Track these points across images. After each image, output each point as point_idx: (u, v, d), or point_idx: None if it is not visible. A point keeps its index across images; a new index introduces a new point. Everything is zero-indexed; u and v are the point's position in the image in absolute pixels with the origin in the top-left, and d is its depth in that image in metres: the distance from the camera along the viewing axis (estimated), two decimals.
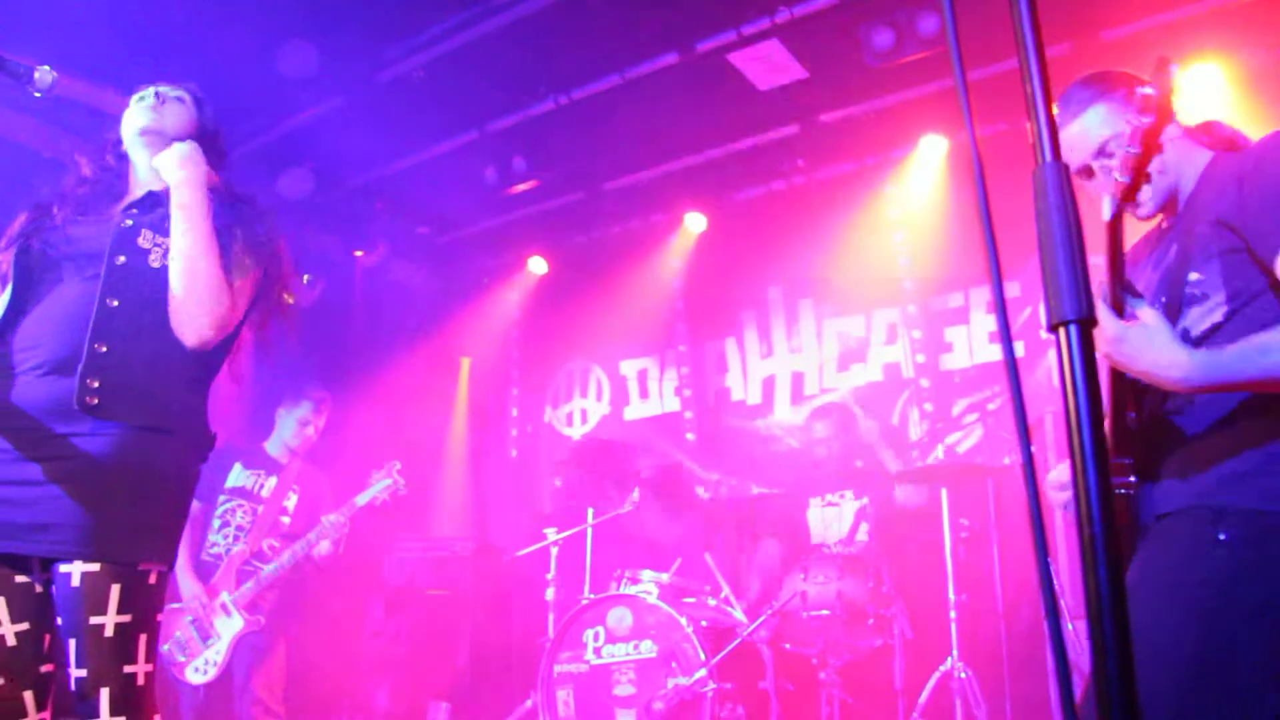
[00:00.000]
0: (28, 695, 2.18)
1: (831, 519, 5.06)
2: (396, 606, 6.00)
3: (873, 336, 6.18)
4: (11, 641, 2.18)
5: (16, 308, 2.28)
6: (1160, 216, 2.18)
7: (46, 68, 2.38)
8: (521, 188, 6.34)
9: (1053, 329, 0.99)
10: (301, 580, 4.85)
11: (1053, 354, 5.28)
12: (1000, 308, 1.05)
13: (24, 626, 2.18)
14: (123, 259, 2.30)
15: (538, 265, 7.34)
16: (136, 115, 2.47)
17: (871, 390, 6.10)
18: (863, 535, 4.91)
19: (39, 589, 2.18)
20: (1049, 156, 1.02)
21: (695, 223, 6.63)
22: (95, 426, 2.16)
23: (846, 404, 5.75)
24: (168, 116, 2.47)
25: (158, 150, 2.44)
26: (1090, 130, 2.13)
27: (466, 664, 5.60)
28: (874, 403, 6.01)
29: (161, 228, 2.35)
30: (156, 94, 2.49)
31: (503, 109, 5.73)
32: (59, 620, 2.13)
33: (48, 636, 2.20)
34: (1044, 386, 5.32)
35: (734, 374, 6.72)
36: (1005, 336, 1.05)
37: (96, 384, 2.17)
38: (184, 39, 4.16)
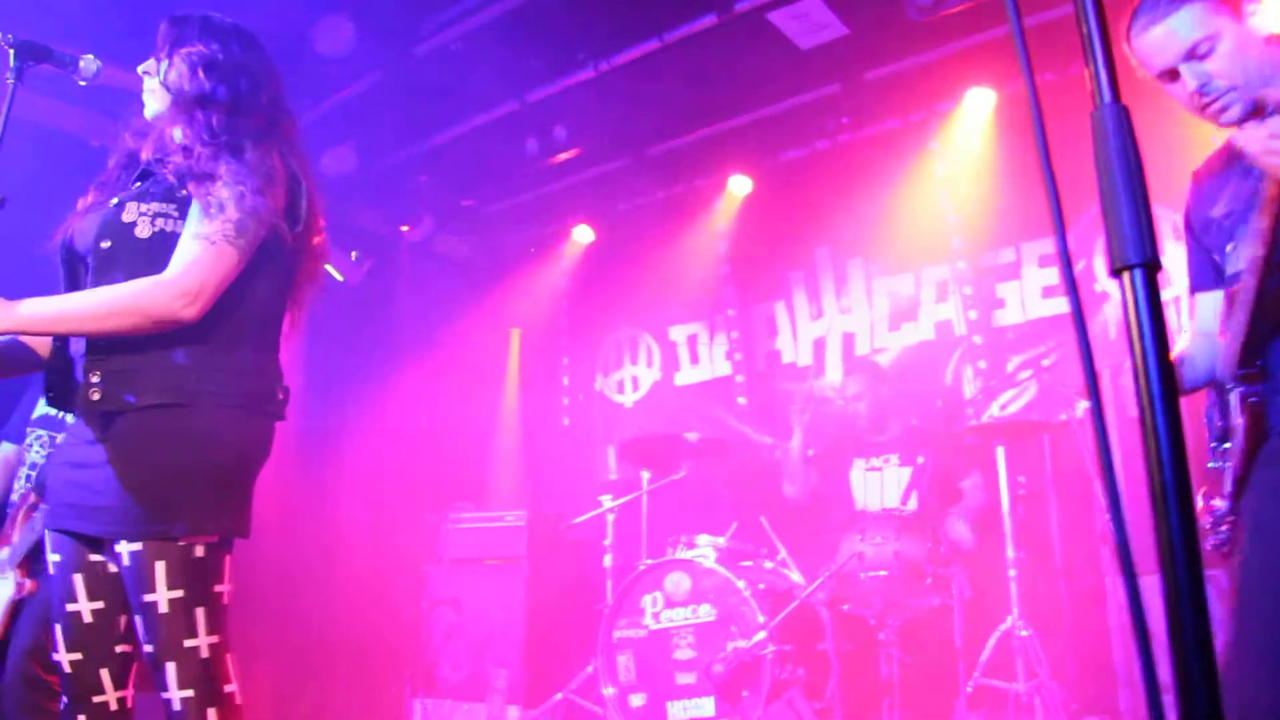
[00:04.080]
0: (104, 673, 2.23)
1: (873, 484, 5.03)
2: (454, 577, 6.05)
3: (923, 294, 6.11)
4: (88, 619, 2.23)
5: None
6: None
7: (90, 56, 2.39)
8: (564, 157, 6.32)
9: (1115, 274, 0.97)
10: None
11: (1109, 308, 5.23)
12: (1063, 256, 1.02)
13: (99, 605, 2.23)
14: (108, 244, 2.24)
15: (583, 234, 7.33)
16: (144, 99, 2.43)
17: (923, 349, 6.03)
18: (913, 502, 4.87)
19: (112, 568, 2.22)
20: (1109, 98, 0.99)
21: (740, 185, 6.58)
22: (108, 415, 2.17)
23: (876, 361, 5.70)
24: (158, 91, 2.38)
25: (166, 126, 2.37)
26: (1180, 31, 2.06)
27: (525, 632, 5.64)
28: (926, 361, 5.95)
29: (146, 196, 2.28)
30: (145, 73, 2.42)
31: (542, 78, 5.70)
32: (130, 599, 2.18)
33: (124, 617, 2.23)
34: (1100, 341, 5.23)
35: (784, 336, 6.68)
36: (1070, 284, 1.02)
37: (97, 377, 2.17)
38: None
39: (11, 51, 2.28)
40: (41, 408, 3.92)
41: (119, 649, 2.24)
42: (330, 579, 6.50)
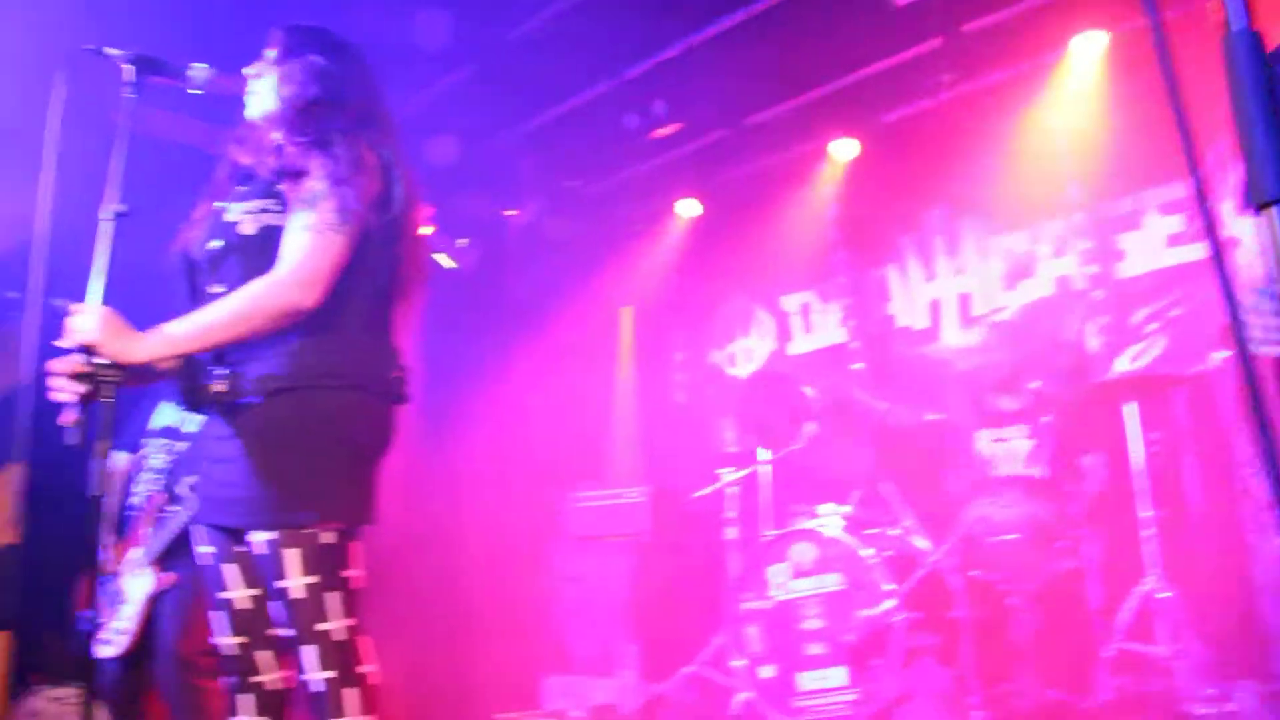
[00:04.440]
0: (264, 654, 2.33)
1: (1000, 450, 4.91)
2: (579, 554, 6.12)
3: (1040, 250, 5.93)
4: (245, 605, 2.34)
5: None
6: None
7: (201, 64, 2.45)
8: (664, 131, 6.30)
9: (1256, 209, 0.91)
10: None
11: (1241, 254, 5.00)
12: (1200, 197, 0.97)
13: (255, 591, 2.33)
14: (216, 244, 2.33)
15: (688, 208, 7.28)
16: (246, 99, 2.51)
17: (1043, 306, 5.87)
18: (1041, 465, 4.74)
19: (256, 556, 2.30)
20: (1241, 24, 0.93)
21: (844, 150, 6.46)
22: (235, 407, 2.26)
23: (1015, 321, 5.55)
24: (264, 94, 2.47)
25: (266, 128, 2.46)
26: None
27: (652, 607, 5.68)
28: (1047, 319, 5.78)
29: (248, 195, 2.37)
30: (246, 75, 2.50)
31: (637, 54, 5.69)
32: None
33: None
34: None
35: (898, 300, 6.57)
36: (1208, 223, 0.97)
37: (220, 370, 2.26)
38: (313, 14, 4.25)
39: (129, 68, 2.35)
40: (162, 419, 4.07)
41: (269, 632, 2.33)
42: (458, 561, 6.63)
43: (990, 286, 6.11)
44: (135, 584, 3.78)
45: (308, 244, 2.20)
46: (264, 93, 2.45)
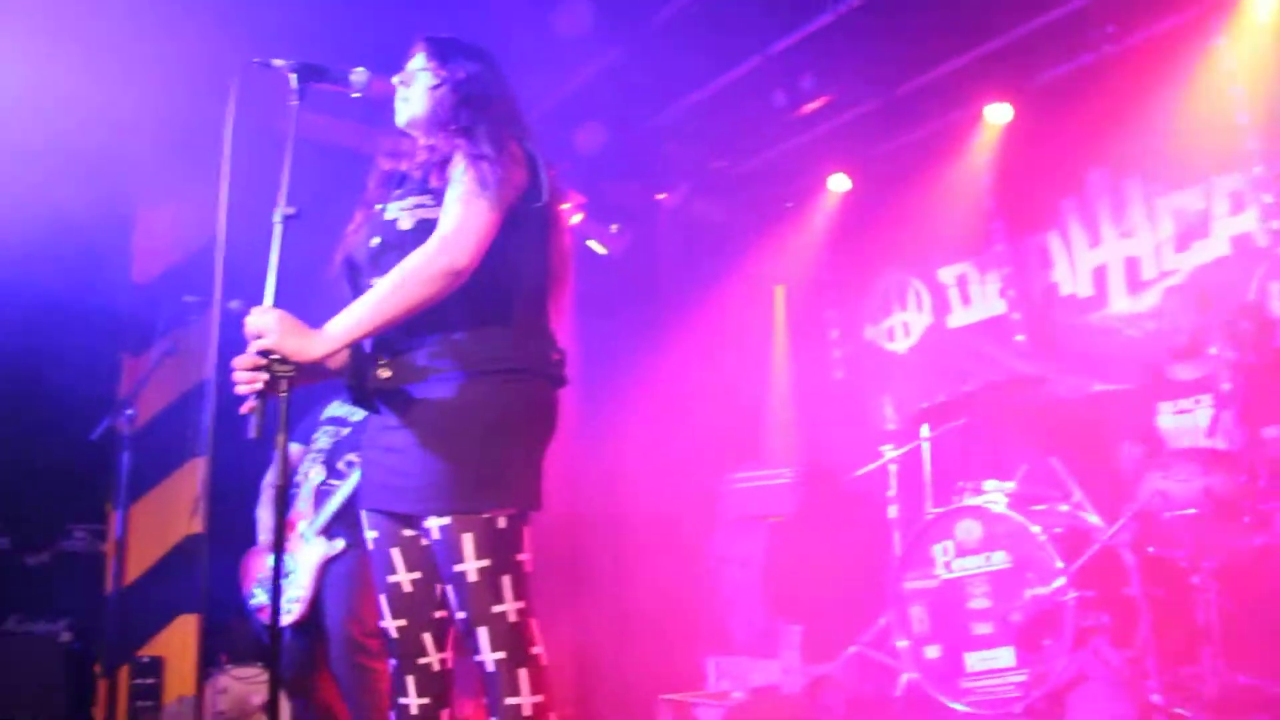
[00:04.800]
0: (426, 636, 2.42)
1: (1186, 425, 4.69)
2: (739, 535, 6.13)
3: (1215, 208, 5.63)
4: (408, 588, 2.43)
5: None
6: None
7: (360, 69, 2.54)
8: (812, 106, 6.21)
9: None
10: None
11: None
12: None
13: (417, 575, 2.42)
14: (376, 240, 2.42)
15: (839, 182, 7.17)
16: (396, 107, 2.58)
17: (1219, 266, 5.57)
18: (1222, 436, 4.51)
19: (424, 542, 2.38)
20: None
21: (999, 114, 6.24)
22: (398, 396, 2.34)
23: (1188, 285, 5.29)
24: (415, 100, 2.54)
25: (417, 133, 2.55)
26: None
27: (813, 587, 5.65)
28: (1224, 281, 5.50)
29: (404, 194, 2.45)
30: (396, 84, 2.57)
31: (781, 29, 5.62)
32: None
33: (439, 586, 2.39)
34: None
35: (1060, 267, 6.34)
36: None
37: (384, 359, 2.35)
38: (459, 12, 4.35)
39: (292, 75, 2.45)
40: (331, 410, 4.30)
41: (437, 615, 2.42)
42: (620, 545, 6.72)
43: (1160, 249, 5.85)
44: (304, 554, 3.98)
45: (454, 211, 2.28)
46: (413, 99, 2.53)
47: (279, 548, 2.25)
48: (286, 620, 3.93)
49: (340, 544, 3.93)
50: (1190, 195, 5.73)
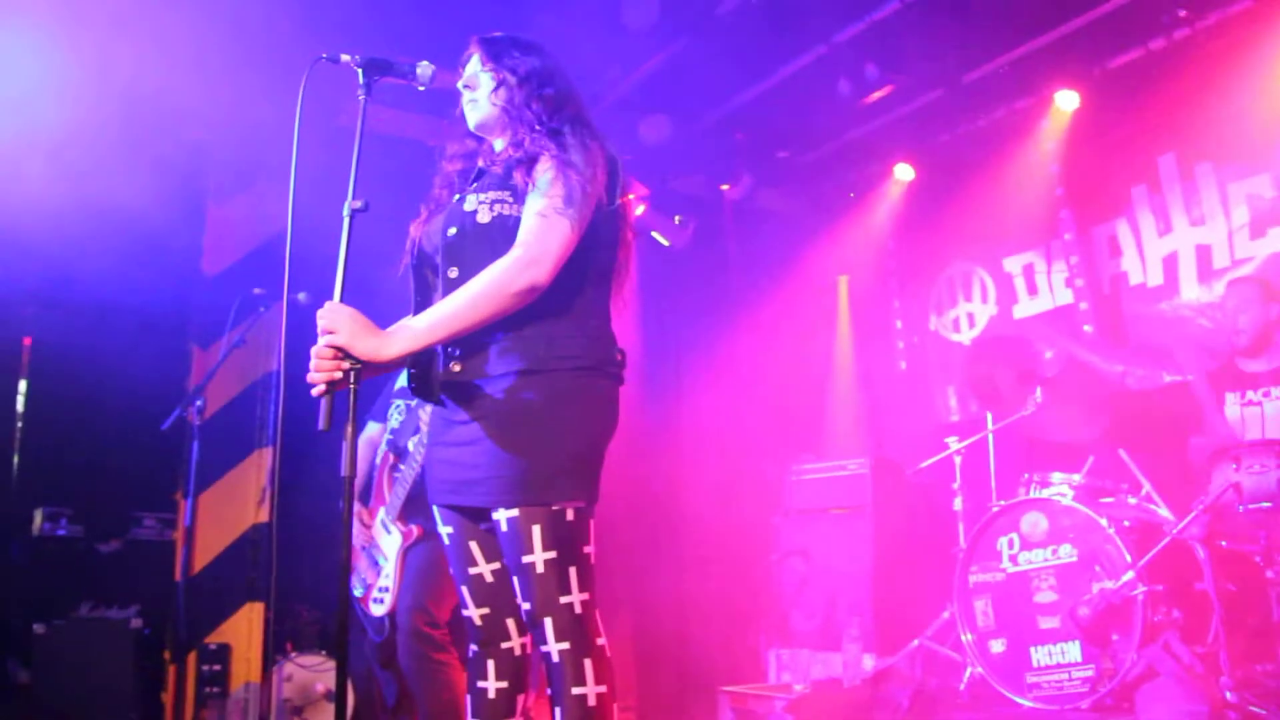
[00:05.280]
0: (510, 622, 2.48)
1: (1251, 414, 4.59)
2: (802, 528, 6.10)
3: None
4: (490, 579, 2.48)
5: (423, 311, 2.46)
6: None
7: (425, 62, 2.56)
8: (877, 95, 6.17)
9: None
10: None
11: None
12: None
13: (497, 565, 2.46)
14: (453, 230, 2.43)
15: (904, 172, 7.11)
16: (464, 111, 2.59)
17: None
18: None
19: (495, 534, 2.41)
20: None
21: (1066, 101, 6.14)
22: (469, 390, 2.36)
23: (1261, 277, 5.16)
24: (482, 103, 2.54)
25: (490, 134, 2.57)
26: None
27: (876, 580, 5.61)
28: None
29: (484, 187, 2.46)
30: (465, 87, 2.58)
31: (845, 17, 5.57)
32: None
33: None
34: None
35: (1129, 256, 6.22)
36: None
37: (457, 351, 2.37)
38: (525, 6, 4.37)
39: (359, 70, 2.47)
40: (400, 382, 4.28)
41: (517, 601, 2.42)
42: (682, 536, 6.72)
43: (1233, 236, 5.71)
44: (387, 544, 4.05)
45: (538, 226, 2.29)
46: (480, 102, 2.54)
47: (347, 537, 2.28)
48: (379, 611, 3.99)
49: (415, 531, 3.96)
50: (1264, 181, 5.59)
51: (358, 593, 4.15)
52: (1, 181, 4.80)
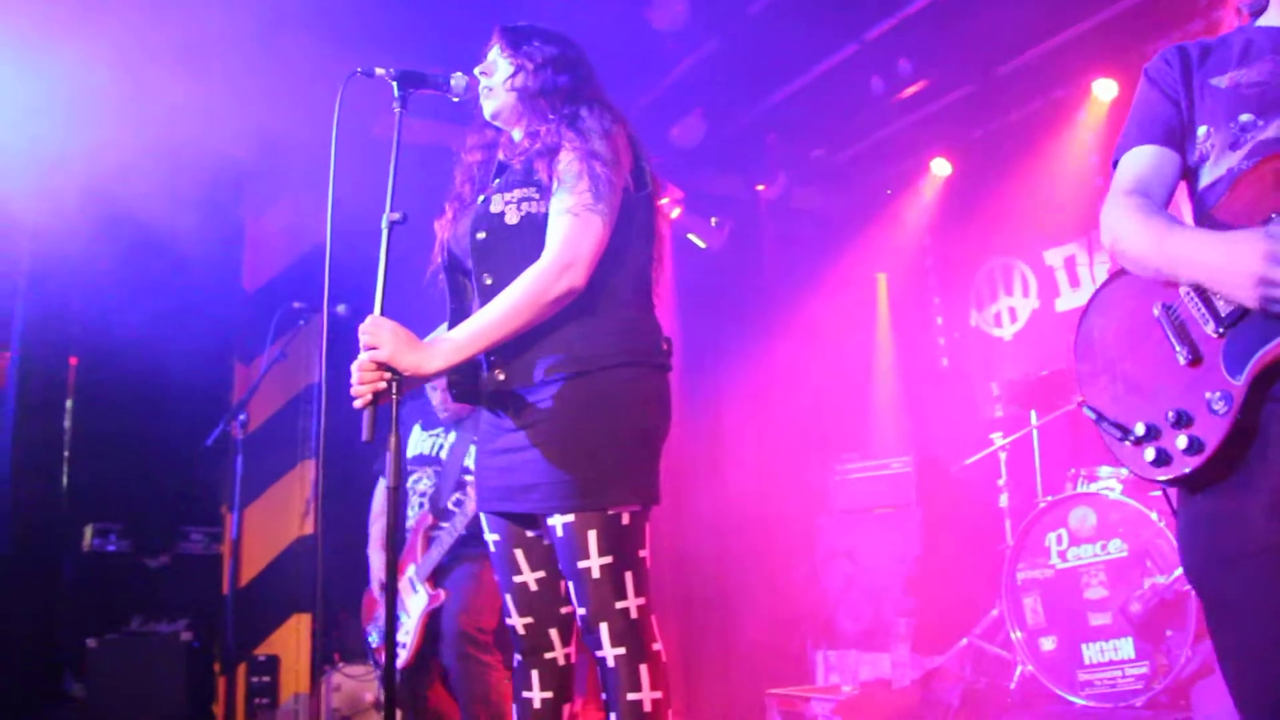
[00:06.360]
0: (552, 632, 2.46)
1: None
2: (846, 527, 6.06)
3: None
4: (534, 587, 2.46)
5: (459, 316, 2.47)
6: None
7: (459, 73, 2.56)
8: (911, 90, 6.12)
9: None
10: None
11: None
12: None
13: (541, 574, 2.45)
14: (483, 234, 2.41)
15: (941, 167, 7.04)
16: (480, 98, 2.58)
17: None
18: None
19: (546, 541, 2.41)
20: None
21: (1105, 90, 6.06)
22: (513, 397, 2.35)
23: None
24: (497, 90, 2.53)
25: (506, 123, 2.56)
26: None
27: (923, 578, 5.56)
28: None
29: (507, 185, 2.44)
30: (478, 76, 2.57)
31: (878, 13, 5.53)
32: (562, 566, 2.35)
33: (563, 582, 2.41)
34: None
35: None
36: None
37: (498, 360, 2.35)
38: (556, 9, 4.37)
39: (394, 83, 2.48)
40: (415, 447, 4.32)
41: (563, 611, 2.45)
42: (726, 538, 6.69)
43: None
44: (413, 601, 4.05)
45: (567, 227, 2.27)
46: (495, 89, 2.53)
47: (390, 546, 2.26)
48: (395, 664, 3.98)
49: (441, 595, 3.97)
50: None
51: (373, 641, 4.18)
52: (44, 205, 4.87)
